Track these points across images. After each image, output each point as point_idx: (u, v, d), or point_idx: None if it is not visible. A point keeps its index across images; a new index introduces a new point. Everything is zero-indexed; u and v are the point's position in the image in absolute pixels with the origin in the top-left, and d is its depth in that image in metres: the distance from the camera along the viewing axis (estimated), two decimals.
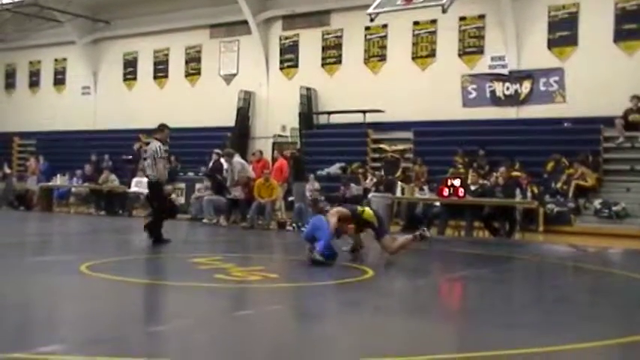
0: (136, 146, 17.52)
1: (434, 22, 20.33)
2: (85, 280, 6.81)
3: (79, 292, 6.38)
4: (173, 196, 18.40)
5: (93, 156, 22.43)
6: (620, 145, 16.98)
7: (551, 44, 18.85)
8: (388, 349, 4.40)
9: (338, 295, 6.68)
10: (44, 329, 4.73)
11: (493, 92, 19.58)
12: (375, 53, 21.54)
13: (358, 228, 9.19)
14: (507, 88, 19.40)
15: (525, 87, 19.12)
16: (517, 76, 19.18)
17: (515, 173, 15.96)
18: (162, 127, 11.49)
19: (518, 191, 14.12)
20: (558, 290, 7.66)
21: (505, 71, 19.41)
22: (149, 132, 24.77)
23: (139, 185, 19.51)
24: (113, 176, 19.62)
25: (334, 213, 8.90)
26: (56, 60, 28.76)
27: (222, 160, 17.20)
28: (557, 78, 18.60)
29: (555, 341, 4.60)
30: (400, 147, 19.86)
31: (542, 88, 18.84)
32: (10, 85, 30.20)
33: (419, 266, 9.35)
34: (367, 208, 9.29)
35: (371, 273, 7.83)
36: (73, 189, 21.76)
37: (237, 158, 16.38)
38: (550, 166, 16.93)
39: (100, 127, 26.52)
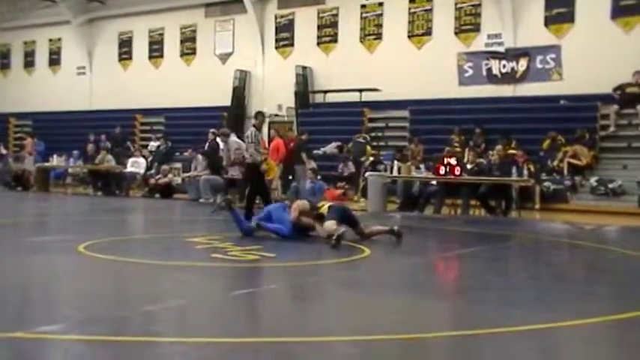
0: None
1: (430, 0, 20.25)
2: (83, 260, 6.81)
3: (77, 272, 6.38)
4: (170, 176, 18.37)
5: (91, 136, 22.38)
6: (614, 134, 16.96)
7: (548, 21, 18.76)
8: (384, 327, 4.41)
9: (335, 273, 6.69)
10: (44, 309, 4.73)
11: (489, 70, 19.52)
12: (371, 32, 21.43)
13: (317, 219, 8.99)
14: (504, 66, 19.33)
15: (522, 65, 19.06)
16: (514, 54, 19.12)
17: (511, 151, 15.96)
18: (257, 115, 12.16)
19: (514, 169, 14.13)
20: (555, 268, 7.68)
21: (501, 49, 19.36)
22: (145, 112, 25.06)
23: (135, 165, 19.50)
24: (110, 156, 19.58)
25: (296, 207, 8.91)
26: (51, 40, 28.58)
27: (219, 139, 17.15)
28: (553, 55, 18.54)
29: (552, 318, 4.61)
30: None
31: (539, 66, 18.78)
32: (5, 65, 30.03)
33: (416, 245, 9.36)
34: (326, 204, 9.13)
35: (368, 252, 7.84)
36: (70, 169, 21.74)
37: (234, 137, 16.33)
38: (546, 144, 16.94)
39: (95, 107, 26.46)
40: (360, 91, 20.78)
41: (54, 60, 28.59)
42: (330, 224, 8.39)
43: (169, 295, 5.28)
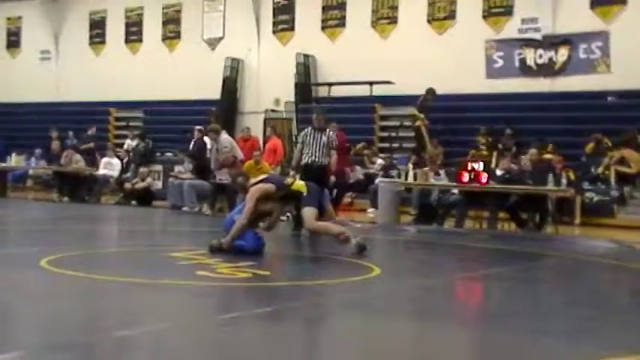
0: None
1: None
2: (46, 277, 6.83)
3: (38, 290, 6.40)
4: (149, 179, 18.42)
5: (54, 132, 22.40)
6: None
7: (594, 3, 18.76)
8: (395, 359, 4.42)
9: (339, 295, 6.71)
10: None
11: (523, 61, 19.56)
12: (385, 15, 21.49)
13: (283, 200, 8.93)
14: (540, 56, 19.37)
15: (562, 54, 19.08)
16: (552, 42, 19.14)
17: (547, 156, 15.97)
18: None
19: (550, 177, 14.11)
20: (597, 293, 7.68)
21: (538, 36, 19.38)
22: (120, 105, 25.13)
23: (108, 167, 19.54)
24: (78, 156, 19.60)
25: (254, 193, 8.64)
26: (9, 19, 28.70)
27: (206, 138, 17.20)
28: (600, 43, 18.53)
29: (595, 352, 4.61)
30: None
31: (582, 56, 18.78)
32: None
33: (433, 263, 9.37)
34: (298, 181, 9.08)
35: (377, 271, 7.85)
36: (31, 171, 21.78)
37: (225, 135, 16.39)
38: (589, 147, 16.93)
39: (62, 99, 26.53)
40: (371, 83, 20.82)
41: (13, 42, 28.68)
42: (323, 225, 8.31)
43: (146, 318, 5.30)
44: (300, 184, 8.81)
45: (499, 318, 5.88)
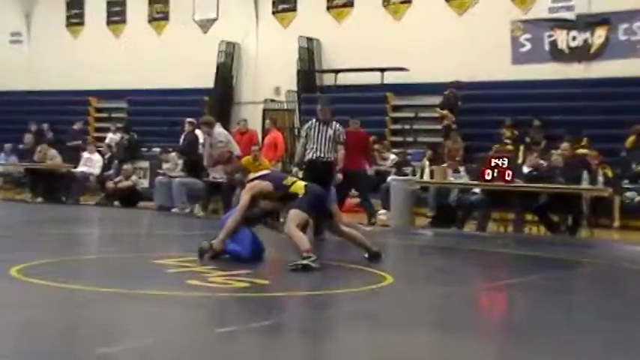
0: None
1: None
2: (18, 288, 6.85)
3: (9, 302, 6.41)
4: (134, 178, 18.45)
5: (33, 125, 22.47)
6: None
7: None
8: None
9: (348, 307, 6.72)
10: None
11: (554, 44, 19.53)
12: None
13: (281, 204, 8.93)
14: (573, 38, 19.32)
15: (598, 36, 19.04)
16: (587, 22, 19.09)
17: (581, 150, 15.97)
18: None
19: (585, 174, 14.09)
20: (635, 305, 7.67)
21: (571, 15, 19.32)
22: (102, 95, 25.18)
23: (88, 164, 19.54)
24: (54, 152, 19.64)
25: (249, 189, 8.74)
26: None
27: (198, 131, 17.21)
28: None
29: None
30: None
31: (622, 38, 18.75)
32: None
33: (452, 271, 9.37)
34: (299, 181, 9.08)
35: (390, 279, 7.87)
36: (1, 168, 21.82)
37: (219, 129, 16.40)
38: (630, 141, 16.90)
39: (35, 87, 26.50)
40: (383, 70, 20.82)
41: None
42: (298, 234, 8.33)
43: (131, 333, 5.32)
44: (299, 186, 8.78)
45: (525, 332, 5.89)
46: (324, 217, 8.92)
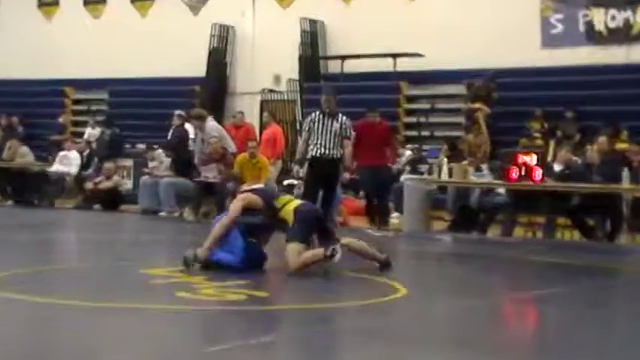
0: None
1: None
2: None
3: None
4: (116, 178, 18.47)
5: (2, 119, 22.51)
6: None
7: None
8: None
9: (354, 322, 6.73)
10: None
11: (590, 24, 19.46)
12: None
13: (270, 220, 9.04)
14: (612, 18, 19.26)
15: None
16: (628, 0, 19.03)
17: (621, 145, 15.95)
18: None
19: (625, 172, 14.07)
20: None
21: None
22: (80, 85, 25.18)
23: (64, 162, 19.56)
24: (25, 148, 19.65)
25: (240, 199, 8.93)
26: None
27: (188, 125, 17.24)
28: None
29: None
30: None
31: None
32: None
33: (473, 281, 9.36)
34: (293, 202, 9.13)
35: (404, 291, 7.87)
36: None
37: (212, 122, 16.43)
38: None
39: (3, 76, 26.45)
40: (395, 56, 20.81)
41: None
42: (306, 257, 8.45)
43: (114, 351, 5.33)
44: (288, 212, 8.83)
45: (556, 351, 5.88)
46: (323, 238, 8.91)
